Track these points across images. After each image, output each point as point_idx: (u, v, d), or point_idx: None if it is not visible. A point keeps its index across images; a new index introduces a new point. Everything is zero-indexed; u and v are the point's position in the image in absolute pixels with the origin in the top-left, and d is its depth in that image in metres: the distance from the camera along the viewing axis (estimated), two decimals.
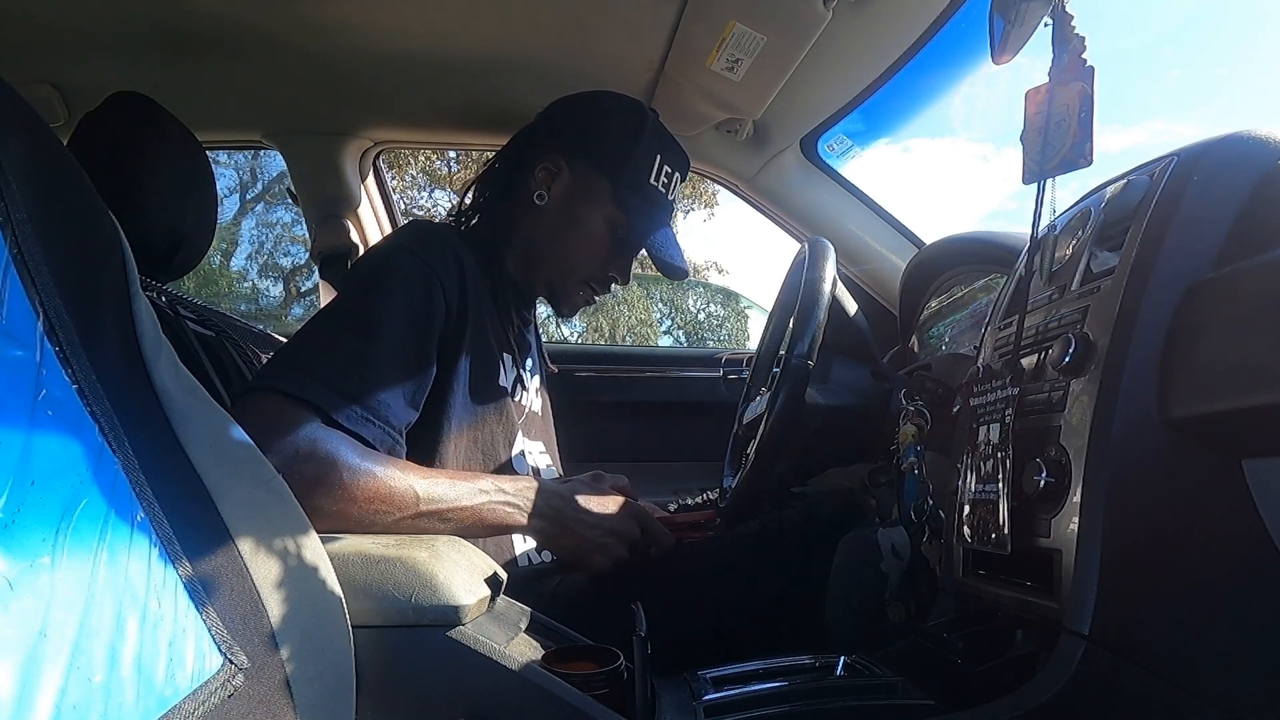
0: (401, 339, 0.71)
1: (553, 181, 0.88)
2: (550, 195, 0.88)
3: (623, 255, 0.92)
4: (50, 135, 0.43)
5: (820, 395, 0.84)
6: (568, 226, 0.88)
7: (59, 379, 0.37)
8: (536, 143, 0.91)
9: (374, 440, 0.68)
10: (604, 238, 0.89)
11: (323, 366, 0.67)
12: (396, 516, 0.66)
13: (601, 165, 0.88)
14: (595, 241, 0.89)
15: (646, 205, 0.89)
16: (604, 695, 0.56)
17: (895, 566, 0.70)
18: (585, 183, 0.88)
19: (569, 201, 0.88)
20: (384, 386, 0.69)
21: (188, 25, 0.97)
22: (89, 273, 0.42)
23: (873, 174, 1.36)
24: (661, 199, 0.90)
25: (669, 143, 0.91)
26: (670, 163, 0.90)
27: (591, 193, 0.88)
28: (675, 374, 1.50)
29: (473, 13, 0.96)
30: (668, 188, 0.91)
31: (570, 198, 0.88)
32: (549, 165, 0.88)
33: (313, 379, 0.66)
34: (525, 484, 0.75)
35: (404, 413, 0.72)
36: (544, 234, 0.89)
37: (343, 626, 0.52)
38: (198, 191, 0.86)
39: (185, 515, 0.42)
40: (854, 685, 0.60)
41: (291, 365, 0.67)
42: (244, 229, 6.82)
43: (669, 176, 0.91)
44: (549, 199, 0.88)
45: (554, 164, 0.88)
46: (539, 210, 0.88)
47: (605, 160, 0.88)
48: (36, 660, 0.32)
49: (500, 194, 0.91)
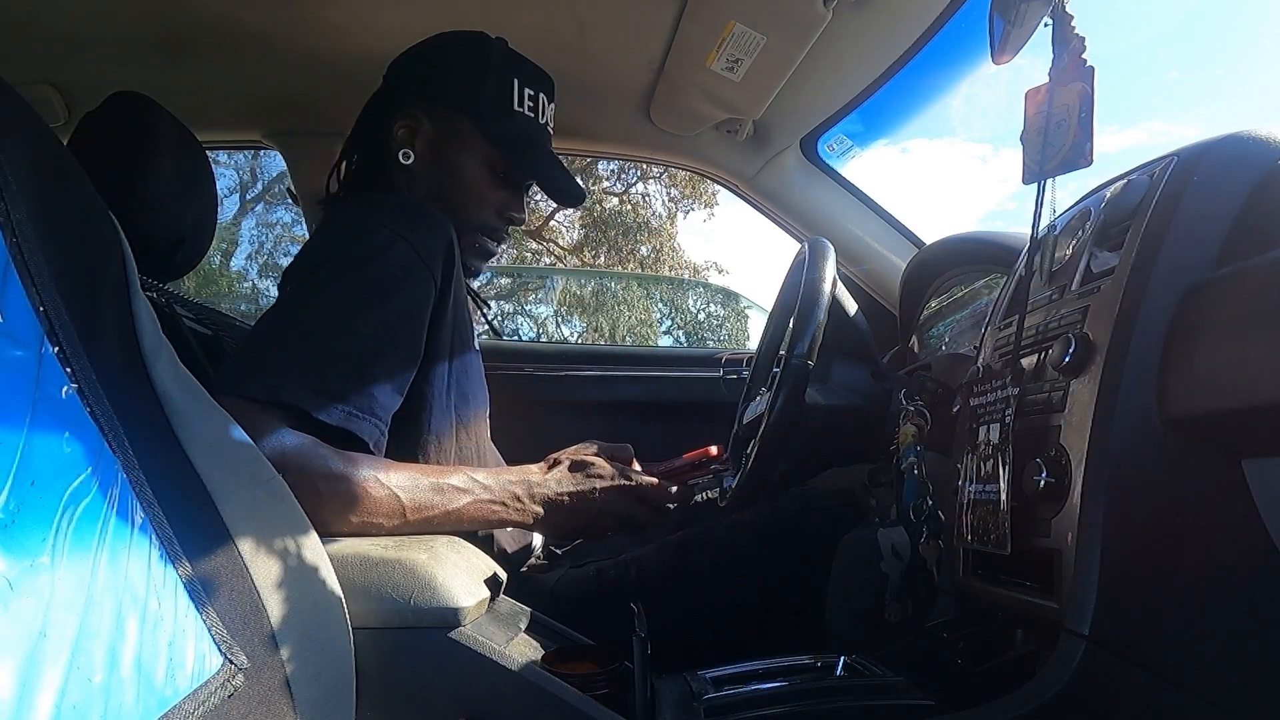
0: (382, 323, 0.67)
1: (414, 137, 0.83)
2: (416, 151, 0.83)
3: (511, 192, 0.87)
4: (50, 135, 0.43)
5: (820, 395, 0.84)
6: (444, 177, 0.83)
7: (59, 379, 0.37)
8: (387, 101, 0.86)
9: (362, 434, 0.65)
10: (485, 178, 0.84)
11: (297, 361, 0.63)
12: (385, 524, 0.64)
13: (458, 105, 0.82)
14: (477, 185, 0.84)
15: (517, 132, 0.84)
16: (604, 695, 0.56)
17: (895, 566, 0.70)
18: (448, 127, 0.83)
19: (437, 151, 0.83)
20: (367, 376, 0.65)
21: (187, 25, 0.97)
22: (89, 273, 0.42)
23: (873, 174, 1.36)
24: (531, 124, 0.85)
25: (524, 65, 0.86)
26: (530, 84, 0.85)
27: (457, 136, 0.83)
28: (675, 374, 1.50)
29: (473, 13, 0.96)
30: (535, 110, 0.85)
31: (437, 147, 0.83)
32: (406, 121, 0.83)
33: (285, 377, 0.61)
34: (508, 477, 0.73)
35: (390, 401, 0.68)
36: (423, 192, 0.83)
37: (343, 627, 0.52)
38: (198, 191, 0.86)
39: (185, 515, 0.42)
40: (854, 685, 0.60)
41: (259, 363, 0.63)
42: (244, 229, 6.83)
43: (533, 99, 0.85)
44: (415, 155, 0.83)
45: (411, 119, 0.83)
46: (410, 170, 0.83)
47: (460, 99, 0.82)
48: (36, 660, 0.32)
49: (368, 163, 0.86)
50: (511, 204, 0.87)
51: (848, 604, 0.73)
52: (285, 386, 0.61)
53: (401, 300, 0.68)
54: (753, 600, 0.86)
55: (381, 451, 0.68)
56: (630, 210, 8.02)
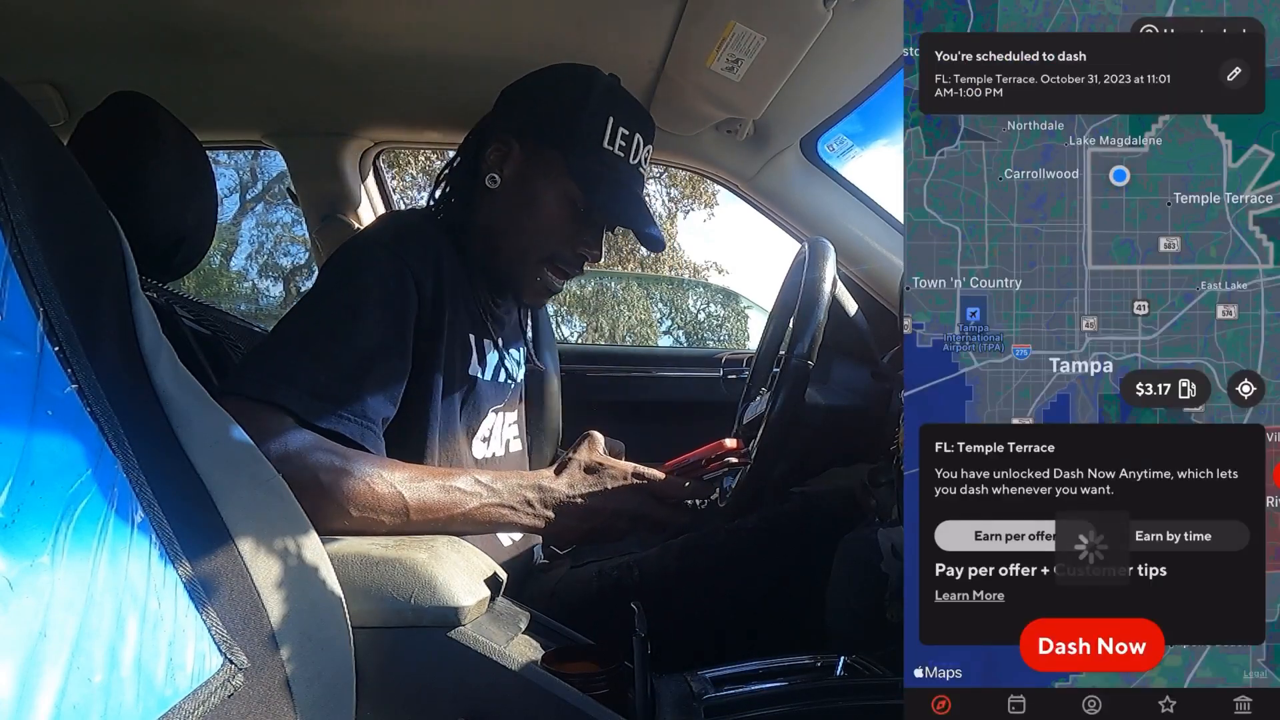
0: (375, 332, 0.69)
1: (504, 162, 0.84)
2: (502, 176, 0.84)
3: (589, 229, 0.87)
4: (50, 135, 0.43)
5: (820, 395, 0.84)
6: (520, 206, 0.84)
7: (59, 379, 0.37)
8: (490, 127, 0.87)
9: (353, 436, 0.66)
10: (559, 212, 0.84)
11: (292, 366, 0.65)
12: (387, 522, 0.64)
13: (549, 137, 0.83)
14: (550, 217, 0.84)
15: (603, 171, 0.84)
16: (604, 695, 0.56)
17: (895, 567, 0.70)
18: (535, 158, 0.84)
19: (520, 180, 0.84)
20: (359, 382, 0.67)
21: (188, 25, 0.97)
22: (89, 273, 0.42)
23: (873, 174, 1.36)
24: (620, 164, 0.85)
25: (624, 103, 0.86)
26: (626, 124, 0.84)
27: (542, 167, 0.83)
28: (675, 374, 1.50)
29: (472, 13, 0.96)
30: (626, 151, 0.85)
31: (521, 176, 0.84)
32: (500, 146, 0.84)
33: (280, 380, 0.63)
34: (518, 481, 0.72)
35: (382, 407, 0.69)
36: (499, 217, 0.85)
37: (343, 626, 0.52)
38: (198, 191, 0.86)
39: (185, 515, 0.42)
40: (854, 685, 0.60)
41: (259, 367, 0.65)
42: (244, 229, 6.82)
43: (626, 139, 0.85)
44: (501, 180, 0.84)
45: (504, 144, 0.84)
46: (493, 194, 0.84)
47: (552, 131, 0.83)
48: (36, 660, 0.32)
49: (459, 181, 0.88)
50: (586, 240, 0.86)
51: (848, 604, 0.73)
52: (279, 388, 0.63)
53: (390, 310, 0.71)
54: (753, 601, 0.86)
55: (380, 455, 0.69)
56: None
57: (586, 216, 0.85)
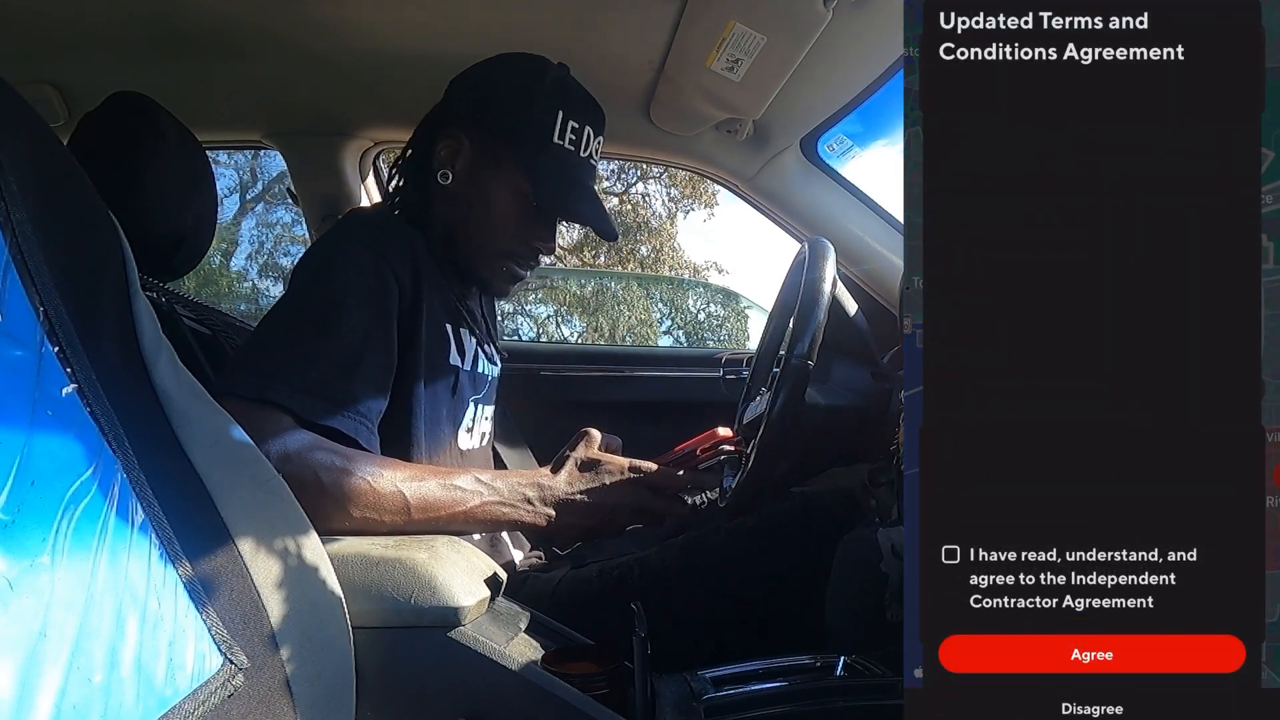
0: (360, 327, 0.69)
1: (455, 158, 0.84)
2: (454, 172, 0.83)
3: (541, 223, 0.86)
4: (50, 135, 0.43)
5: (820, 395, 0.84)
6: (474, 202, 0.84)
7: (59, 379, 0.38)
8: (440, 120, 0.86)
9: (350, 431, 0.66)
10: (512, 208, 0.83)
11: (282, 364, 0.65)
12: (388, 521, 0.64)
13: (498, 131, 0.82)
14: (504, 214, 0.83)
15: (554, 165, 0.83)
16: (604, 695, 0.56)
17: (895, 566, 0.70)
18: (485, 153, 0.83)
19: (471, 175, 0.83)
20: (349, 376, 0.67)
21: (188, 25, 0.97)
22: (89, 273, 0.42)
23: (873, 174, 1.36)
24: (571, 157, 0.84)
25: (574, 96, 0.85)
26: (577, 118, 0.83)
27: (492, 162, 0.83)
28: (675, 374, 1.50)
29: (473, 12, 0.96)
30: (577, 145, 0.84)
31: (472, 171, 0.83)
32: (450, 142, 0.84)
33: (272, 379, 0.63)
34: (517, 479, 0.72)
35: (374, 401, 0.69)
36: (454, 213, 0.84)
37: (343, 626, 0.52)
38: (198, 191, 0.86)
39: (185, 515, 0.43)
40: (854, 685, 0.60)
41: (248, 368, 0.65)
42: (244, 229, 6.81)
43: (576, 132, 0.83)
44: (453, 176, 0.83)
45: (454, 139, 0.83)
46: (446, 189, 0.84)
47: (501, 126, 0.82)
48: (36, 660, 0.32)
49: (411, 177, 0.87)
50: (540, 234, 0.86)
51: (848, 604, 0.73)
52: (271, 386, 0.63)
53: (372, 303, 0.71)
54: (753, 601, 0.86)
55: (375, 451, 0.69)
56: (630, 210, 8.02)
57: (537, 211, 0.85)
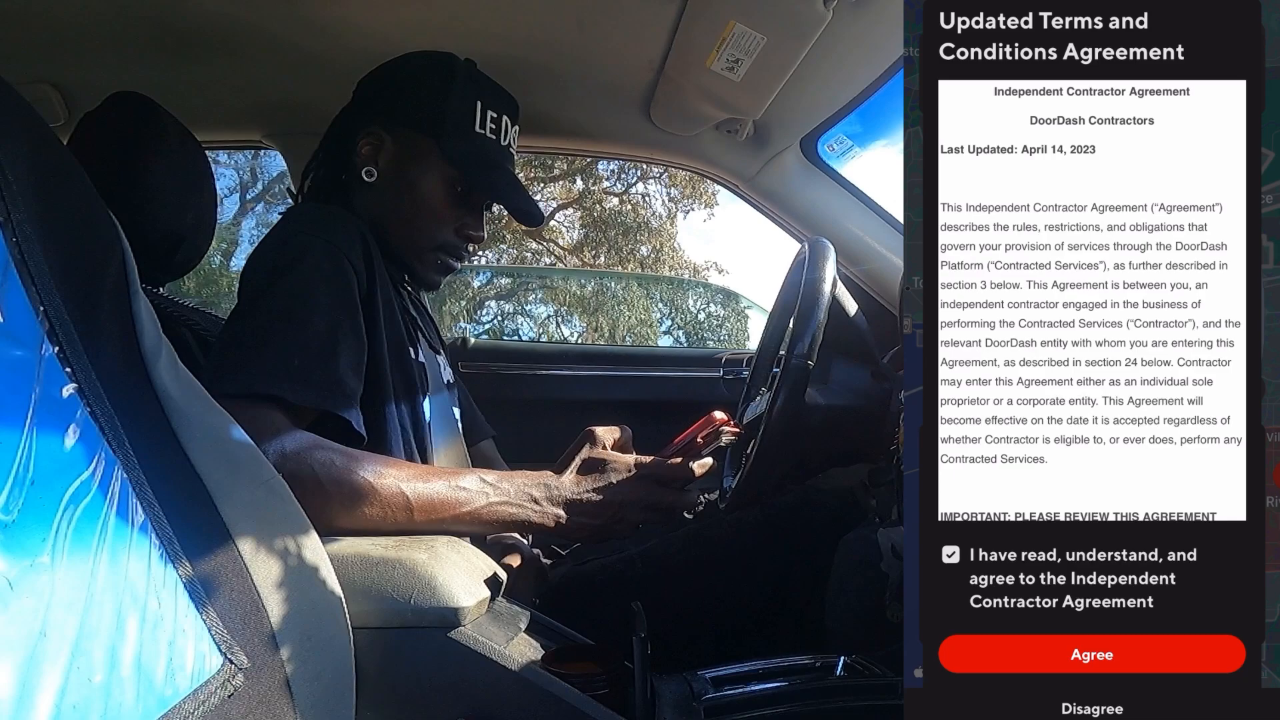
0: (328, 314, 0.69)
1: (378, 154, 0.85)
2: (379, 169, 0.85)
3: (470, 211, 0.88)
4: (50, 135, 0.43)
5: (820, 395, 0.84)
6: (403, 195, 0.85)
7: (59, 379, 0.37)
8: (354, 119, 0.87)
9: (343, 413, 0.66)
10: (443, 198, 0.85)
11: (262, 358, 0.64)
12: (390, 521, 0.63)
13: (419, 124, 0.84)
14: (434, 204, 0.85)
15: (477, 153, 0.85)
16: (604, 695, 0.56)
17: (895, 566, 0.70)
18: (408, 147, 0.84)
19: (397, 170, 0.85)
20: (330, 360, 0.67)
21: (188, 25, 0.97)
22: (89, 273, 0.42)
23: (873, 174, 1.36)
24: (493, 145, 0.87)
25: (487, 87, 0.88)
26: (494, 106, 0.86)
27: (418, 155, 0.84)
28: (675, 374, 1.50)
29: (472, 12, 0.96)
30: (497, 133, 0.87)
31: (398, 166, 0.85)
32: (370, 139, 0.85)
33: (256, 373, 0.63)
34: (523, 479, 0.71)
35: (356, 383, 0.69)
36: (382, 208, 0.85)
37: (343, 626, 0.52)
38: (198, 191, 0.86)
39: (185, 515, 0.43)
40: (854, 685, 0.60)
41: (230, 367, 0.64)
42: (244, 229, 6.82)
43: (495, 121, 0.87)
44: (378, 172, 0.85)
45: (374, 136, 0.85)
46: (372, 186, 0.85)
47: (422, 119, 0.84)
48: (36, 660, 0.32)
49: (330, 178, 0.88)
50: (470, 223, 0.88)
51: (848, 604, 0.73)
52: (257, 379, 0.63)
53: (335, 290, 0.71)
54: (754, 598, 0.86)
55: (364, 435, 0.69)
56: (630, 210, 8.02)
57: (465, 199, 0.87)
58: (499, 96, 0.88)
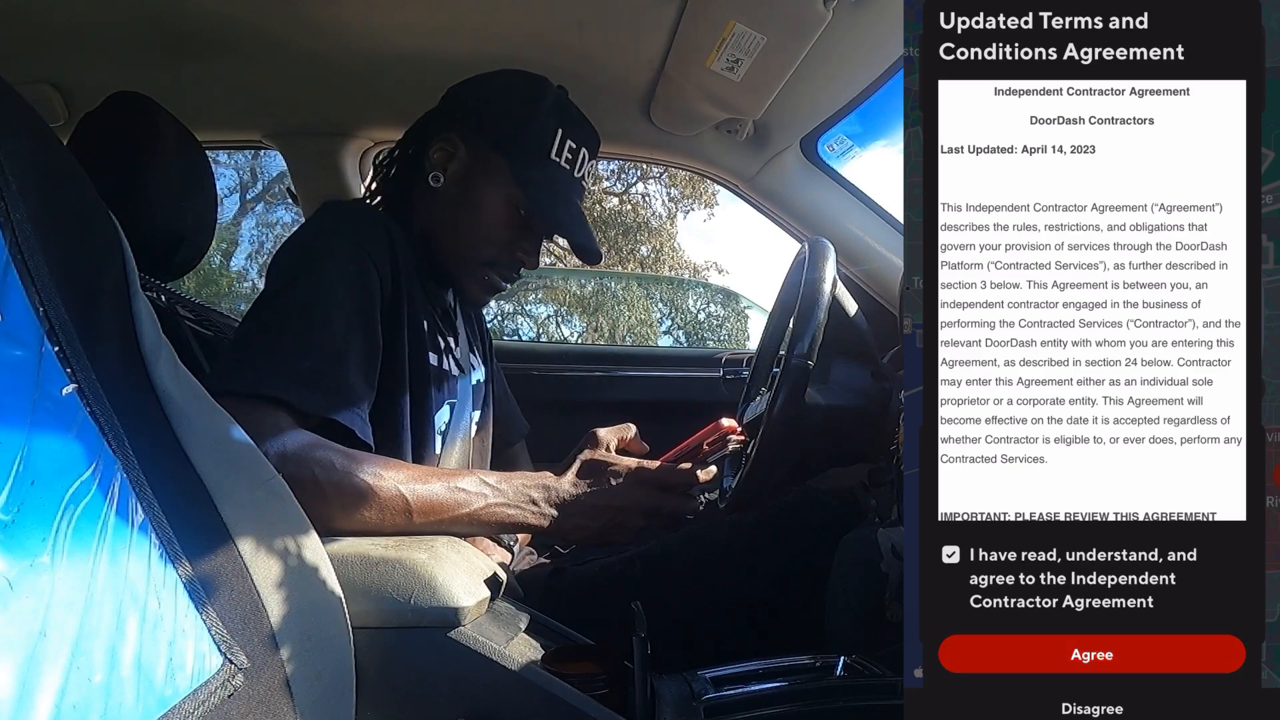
0: (345, 316, 0.68)
1: (449, 162, 0.84)
2: (446, 176, 0.84)
3: (528, 236, 0.87)
4: (50, 135, 0.43)
5: (820, 395, 0.84)
6: (463, 207, 0.84)
7: (59, 379, 0.37)
8: (435, 124, 0.87)
9: (346, 422, 0.66)
10: (502, 217, 0.84)
11: (272, 358, 0.64)
12: (389, 522, 0.63)
13: (496, 141, 0.83)
14: (492, 222, 0.84)
15: (547, 181, 0.84)
16: (604, 695, 0.56)
17: (895, 566, 0.70)
18: (481, 161, 0.83)
19: (464, 181, 0.84)
20: (340, 365, 0.66)
21: (188, 25, 0.97)
22: (89, 273, 0.42)
23: (873, 174, 1.36)
24: (565, 176, 0.85)
25: (572, 117, 0.86)
26: (574, 137, 0.85)
27: (487, 171, 0.83)
28: (675, 374, 1.50)
29: (472, 12, 0.96)
30: (572, 164, 0.85)
31: (465, 177, 0.84)
32: (445, 145, 0.84)
33: (264, 373, 0.63)
34: (522, 481, 0.71)
35: (366, 390, 0.69)
36: (441, 217, 0.84)
37: (343, 626, 0.52)
38: (198, 191, 0.86)
39: (185, 515, 0.42)
40: (854, 685, 0.60)
41: (239, 365, 0.65)
42: (244, 229, 6.83)
43: (573, 152, 0.85)
44: (445, 180, 0.84)
45: (449, 144, 0.84)
46: (436, 192, 0.84)
47: (500, 136, 0.83)
48: (36, 660, 0.32)
49: (399, 177, 0.88)
50: (525, 247, 0.87)
51: (848, 604, 0.73)
52: (265, 381, 0.62)
53: (357, 295, 0.70)
54: (754, 598, 0.86)
55: (370, 443, 0.68)
56: (630, 210, 8.02)
57: (527, 224, 0.85)
58: (583, 128, 0.87)
